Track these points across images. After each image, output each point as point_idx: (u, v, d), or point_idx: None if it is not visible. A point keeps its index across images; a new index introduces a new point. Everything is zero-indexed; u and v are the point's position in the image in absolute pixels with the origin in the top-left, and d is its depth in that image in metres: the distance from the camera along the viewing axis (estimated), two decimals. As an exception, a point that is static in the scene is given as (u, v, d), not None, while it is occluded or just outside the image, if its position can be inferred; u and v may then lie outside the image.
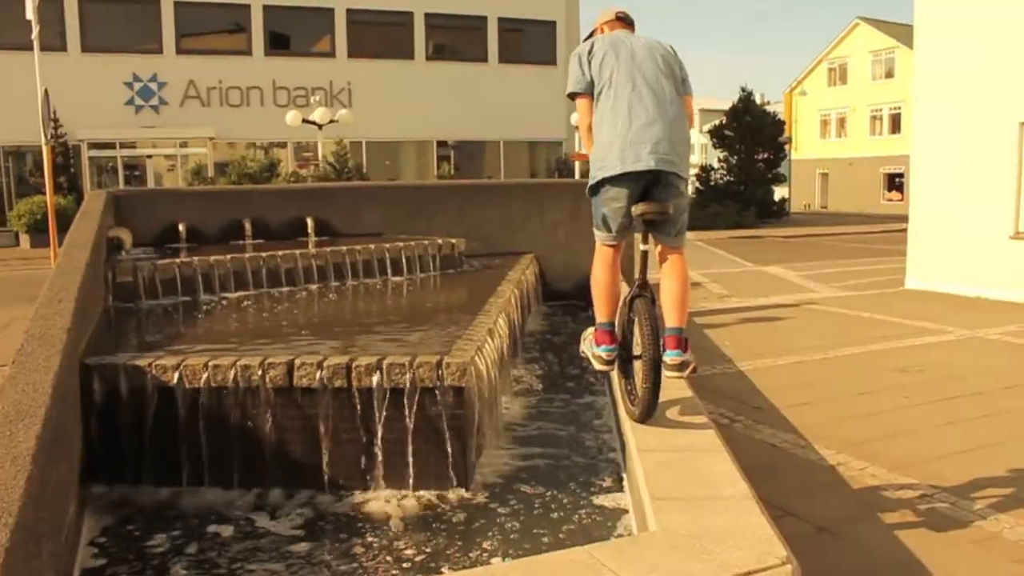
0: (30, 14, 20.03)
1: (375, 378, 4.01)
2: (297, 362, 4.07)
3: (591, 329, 4.18)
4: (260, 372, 4.08)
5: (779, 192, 34.50)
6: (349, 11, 28.49)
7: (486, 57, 30.07)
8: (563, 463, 4.44)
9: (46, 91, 15.20)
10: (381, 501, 3.97)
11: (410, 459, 4.02)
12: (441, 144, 31.00)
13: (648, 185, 3.79)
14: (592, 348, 4.09)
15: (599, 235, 4.12)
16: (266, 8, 27.71)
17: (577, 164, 24.64)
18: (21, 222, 23.96)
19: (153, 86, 26.87)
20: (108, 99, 25.97)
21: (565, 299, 10.12)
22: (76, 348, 4.17)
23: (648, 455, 3.42)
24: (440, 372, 3.99)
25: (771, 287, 13.34)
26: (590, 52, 4.05)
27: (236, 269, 6.99)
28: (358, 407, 4.04)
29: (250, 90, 28.14)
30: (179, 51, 27.15)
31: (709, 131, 33.70)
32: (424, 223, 9.77)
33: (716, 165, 32.47)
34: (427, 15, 29.18)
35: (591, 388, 6.09)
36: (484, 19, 29.69)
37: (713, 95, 58.57)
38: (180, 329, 5.64)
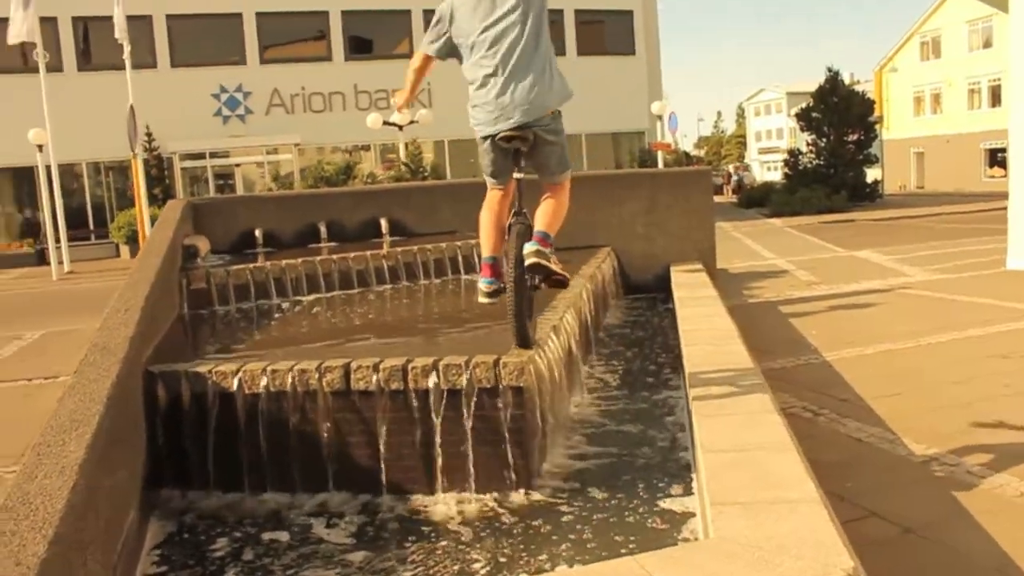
0: (119, 34, 20.89)
1: (432, 379, 3.92)
2: (354, 365, 4.02)
3: None
4: (317, 376, 4.04)
5: (871, 174, 33.19)
6: (425, 11, 28.58)
7: (564, 50, 29.81)
8: (632, 463, 4.28)
9: (131, 107, 15.71)
10: (441, 505, 3.88)
11: (470, 461, 3.92)
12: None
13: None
14: (478, 281, 4.16)
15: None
16: (345, 14, 28.13)
17: (660, 154, 24.24)
18: (120, 233, 24.92)
19: (239, 96, 27.61)
20: (197, 111, 26.79)
21: (646, 292, 9.90)
22: (140, 356, 4.21)
23: (713, 455, 3.22)
24: (498, 372, 3.87)
25: (862, 272, 12.77)
26: None
27: (308, 272, 7.04)
28: (416, 409, 3.96)
29: (332, 95, 28.63)
30: (262, 61, 27.83)
31: (796, 114, 32.68)
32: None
33: (804, 149, 31.44)
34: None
35: (667, 383, 5.90)
36: (560, 12, 29.43)
37: (801, 78, 56.96)
38: (249, 334, 5.69)
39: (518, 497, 3.89)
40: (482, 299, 4.08)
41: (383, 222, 9.14)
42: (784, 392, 6.35)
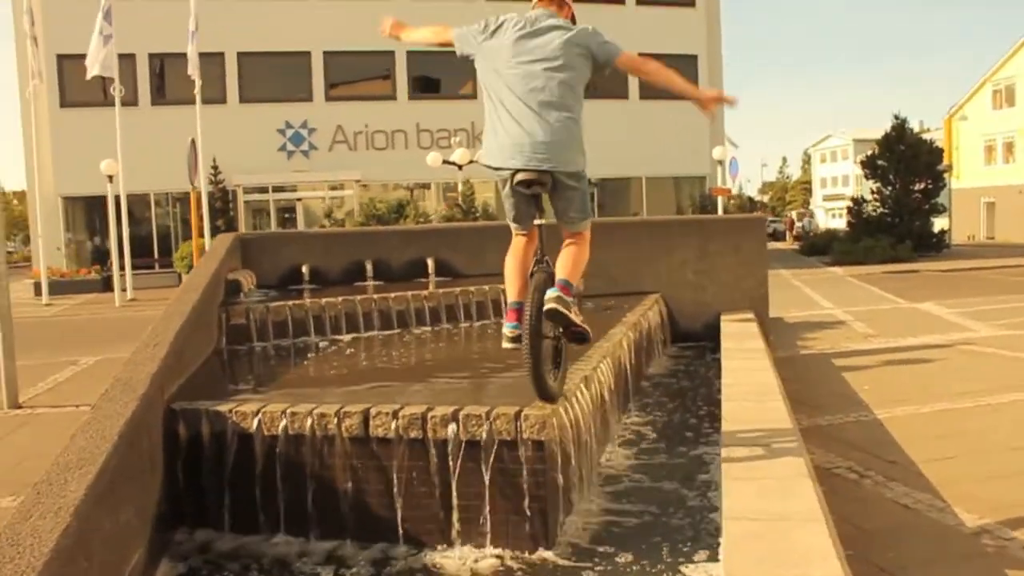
0: (191, 70, 21.53)
1: (451, 429, 3.81)
2: (373, 411, 3.93)
3: None
4: (336, 421, 3.96)
5: (938, 223, 32.32)
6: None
7: (627, 94, 29.83)
8: (660, 523, 4.09)
9: (192, 141, 16.08)
10: (455, 560, 3.74)
11: (487, 516, 3.78)
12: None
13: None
14: (503, 326, 4.09)
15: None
16: (410, 54, 28.58)
17: (720, 200, 23.95)
18: (183, 263, 25.46)
19: (304, 132, 28.19)
20: (262, 146, 27.42)
21: (695, 340, 9.67)
22: (162, 393, 4.19)
23: (736, 523, 3.04)
24: (519, 425, 3.74)
25: (922, 325, 12.33)
26: None
27: (347, 312, 7.01)
28: (434, 459, 3.85)
29: (395, 133, 29.04)
30: (328, 98, 28.41)
31: (861, 161, 32.06)
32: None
33: (868, 197, 30.78)
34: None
35: (706, 438, 5.69)
36: (622, 55, 29.48)
37: (866, 125, 56.08)
38: (280, 372, 5.65)
39: (536, 556, 3.74)
40: (505, 344, 3.99)
41: (430, 262, 9.11)
42: (830, 451, 6.09)
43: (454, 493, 3.81)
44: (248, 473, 4.08)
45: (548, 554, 3.73)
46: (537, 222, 4.09)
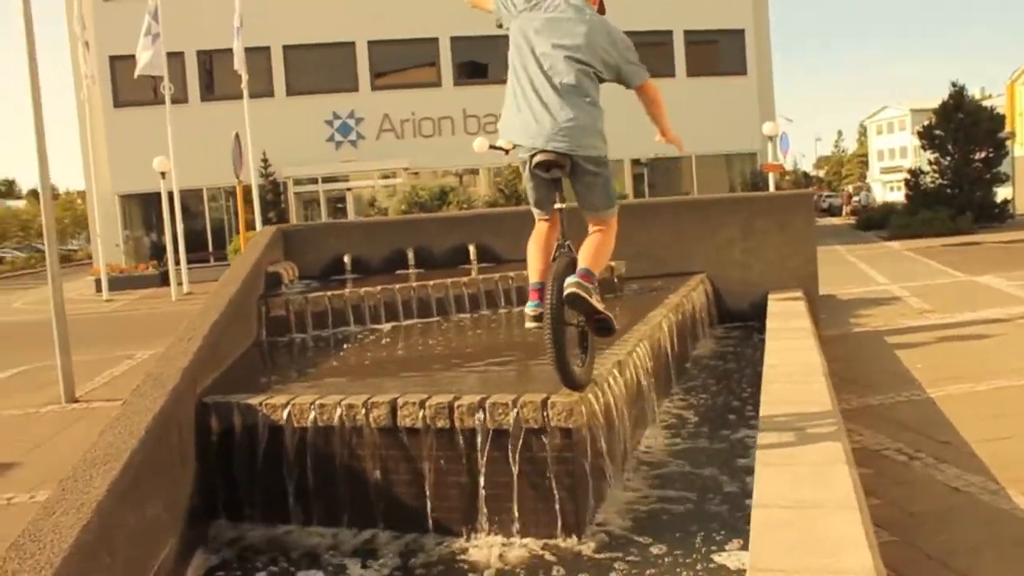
0: (238, 65, 21.80)
1: (478, 418, 3.76)
2: (400, 401, 3.90)
3: None
4: (364, 412, 3.95)
5: (1001, 193, 31.21)
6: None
7: (673, 71, 29.39)
8: (695, 511, 4.00)
9: (236, 135, 16.26)
10: (484, 549, 3.71)
11: (515, 505, 3.73)
12: (635, 162, 30.65)
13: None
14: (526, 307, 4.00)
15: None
16: (454, 40, 28.55)
17: (771, 176, 23.47)
18: (236, 256, 25.88)
19: (351, 122, 28.38)
20: (310, 137, 27.67)
21: (742, 320, 9.49)
22: (194, 387, 4.22)
23: (766, 511, 2.94)
24: (546, 413, 3.68)
25: (982, 300, 11.91)
26: None
27: (386, 300, 7.01)
28: (462, 448, 3.81)
29: (441, 120, 29.06)
30: (374, 87, 28.54)
31: (917, 132, 31.13)
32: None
33: (926, 168, 29.88)
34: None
35: (748, 421, 5.56)
36: (669, 33, 29.06)
37: (925, 95, 54.48)
38: (317, 363, 5.66)
39: (566, 545, 3.68)
40: (528, 324, 3.91)
41: (471, 248, 9.07)
42: (879, 432, 5.91)
43: (482, 482, 3.76)
44: (279, 465, 4.10)
45: (578, 543, 3.67)
46: (558, 206, 4.01)
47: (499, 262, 9.07)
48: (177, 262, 21.83)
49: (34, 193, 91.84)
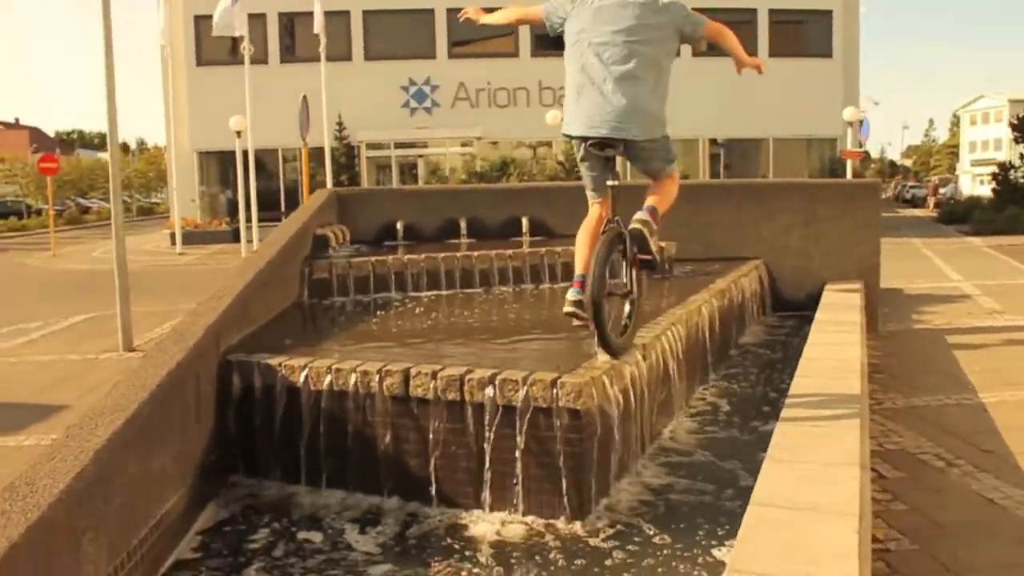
0: (317, 28, 22.01)
1: (488, 393, 3.74)
2: (413, 371, 3.91)
3: None
4: (378, 379, 3.96)
5: (1102, 190, 29.60)
6: (613, 9, 28.37)
7: (756, 51, 28.63)
8: (704, 502, 3.92)
9: (304, 97, 16.41)
10: (484, 524, 3.70)
11: (519, 483, 3.70)
12: (712, 142, 30.11)
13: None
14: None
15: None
16: (533, 10, 28.30)
17: (849, 162, 22.76)
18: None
19: (427, 89, 28.46)
20: (386, 103, 27.86)
21: (798, 310, 9.24)
22: (217, 344, 4.29)
23: (760, 510, 2.85)
24: (555, 392, 3.63)
25: (1061, 304, 11.38)
26: None
27: (429, 269, 7.02)
28: (471, 422, 3.80)
29: (516, 91, 28.92)
30: (451, 55, 28.52)
31: (1010, 124, 29.73)
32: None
33: (1017, 162, 28.54)
34: (693, 10, 28.26)
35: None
36: (754, 12, 28.27)
37: (1027, 84, 51.93)
38: (349, 327, 5.71)
39: (567, 527, 3.64)
40: (567, 308, 4.00)
41: (524, 221, 9.02)
42: (921, 435, 5.70)
43: (487, 457, 3.75)
44: (295, 426, 4.15)
45: (580, 527, 3.63)
46: (611, 183, 4.15)
47: (551, 236, 8.99)
48: (249, 220, 22.28)
49: (124, 146, 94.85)
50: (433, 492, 3.90)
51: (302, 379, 4.11)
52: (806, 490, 3.03)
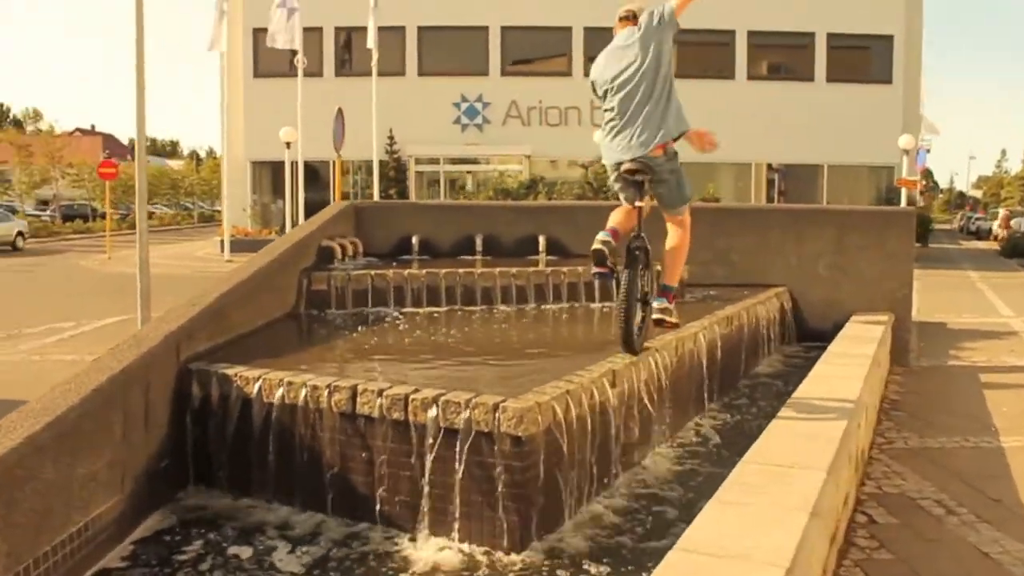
0: (370, 43, 22.27)
1: (431, 414, 3.61)
2: (360, 387, 3.81)
3: None
4: (327, 394, 3.86)
5: None
6: (670, 32, 28.11)
7: (812, 76, 28.12)
8: (662, 546, 3.71)
9: (339, 110, 16.53)
10: (420, 550, 3.58)
11: (457, 509, 3.56)
12: (768, 167, 29.64)
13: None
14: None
15: None
16: (587, 31, 28.21)
17: (904, 191, 22.14)
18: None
19: (478, 106, 28.51)
20: (437, 118, 27.98)
21: (824, 340, 8.90)
22: (177, 352, 4.24)
23: (683, 556, 2.66)
24: (497, 416, 3.49)
25: (1113, 348, 10.79)
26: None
27: (430, 285, 6.93)
28: (414, 443, 3.67)
29: (568, 110, 28.81)
30: (503, 73, 28.56)
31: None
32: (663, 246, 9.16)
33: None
34: (750, 33, 27.95)
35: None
36: (812, 36, 27.75)
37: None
38: (332, 341, 5.63)
39: (506, 558, 3.49)
40: (595, 245, 4.65)
41: (541, 240, 8.88)
42: (926, 478, 5.39)
43: (426, 480, 3.61)
44: (247, 438, 4.08)
45: (518, 558, 3.47)
46: (639, 204, 4.73)
47: (567, 255, 8.84)
48: (295, 229, 22.53)
49: (193, 155, 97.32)
50: (377, 513, 3.78)
51: (255, 391, 4.05)
52: (743, 536, 2.83)
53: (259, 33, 26.87)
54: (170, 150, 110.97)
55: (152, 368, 3.96)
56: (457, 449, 3.54)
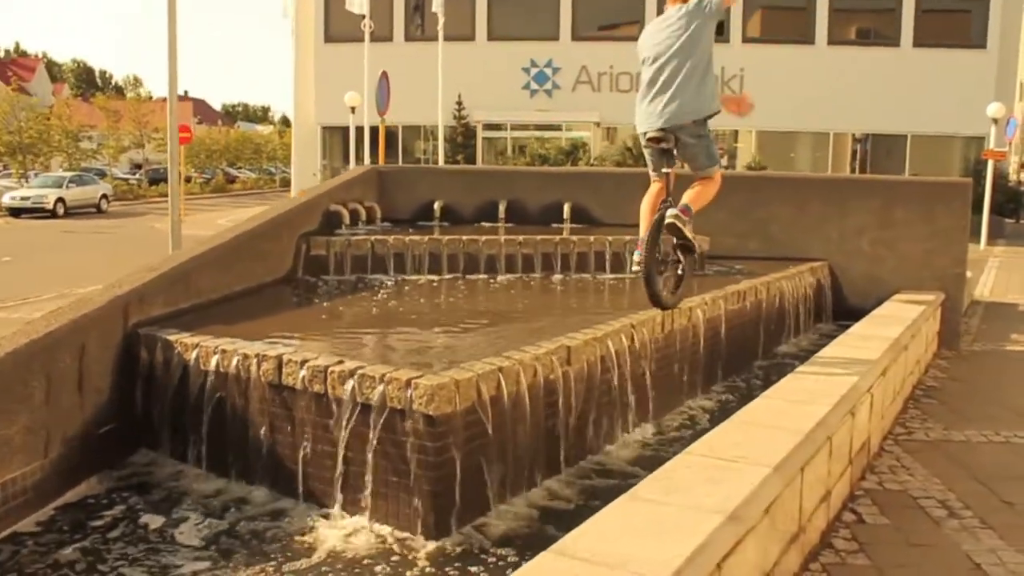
0: (436, 7, 22.05)
1: (348, 387, 3.44)
2: (286, 358, 3.66)
3: None
4: (256, 363, 3.73)
5: None
6: (746, -4, 27.07)
7: (898, 40, 26.65)
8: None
9: (384, 73, 16.37)
10: (334, 528, 3.43)
11: (369, 489, 3.39)
12: (852, 138, 28.44)
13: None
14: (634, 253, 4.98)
15: None
16: (660, -5, 27.41)
17: (990, 163, 20.85)
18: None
19: (548, 71, 28.02)
20: (506, 84, 27.60)
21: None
22: (125, 316, 4.17)
23: (548, 560, 2.42)
24: (409, 393, 3.29)
25: None
26: None
27: (431, 251, 6.75)
28: (332, 417, 3.51)
29: (639, 76, 28.07)
30: (574, 38, 27.95)
31: None
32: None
33: None
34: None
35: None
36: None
37: None
38: (310, 308, 5.52)
39: (420, 543, 3.32)
40: (633, 267, 4.86)
41: (566, 207, 8.60)
42: (936, 475, 4.94)
43: (341, 457, 3.45)
44: (186, 405, 3.99)
45: (433, 545, 3.28)
46: (666, 171, 4.97)
47: (594, 224, 8.55)
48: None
49: (284, 120, 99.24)
50: (300, 487, 3.65)
51: (193, 358, 3.94)
52: (630, 541, 2.56)
53: (330, -2, 27.00)
54: (261, 115, 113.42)
55: (89, 331, 3.89)
56: (371, 426, 3.36)
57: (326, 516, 3.50)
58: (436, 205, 8.62)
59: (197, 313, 4.79)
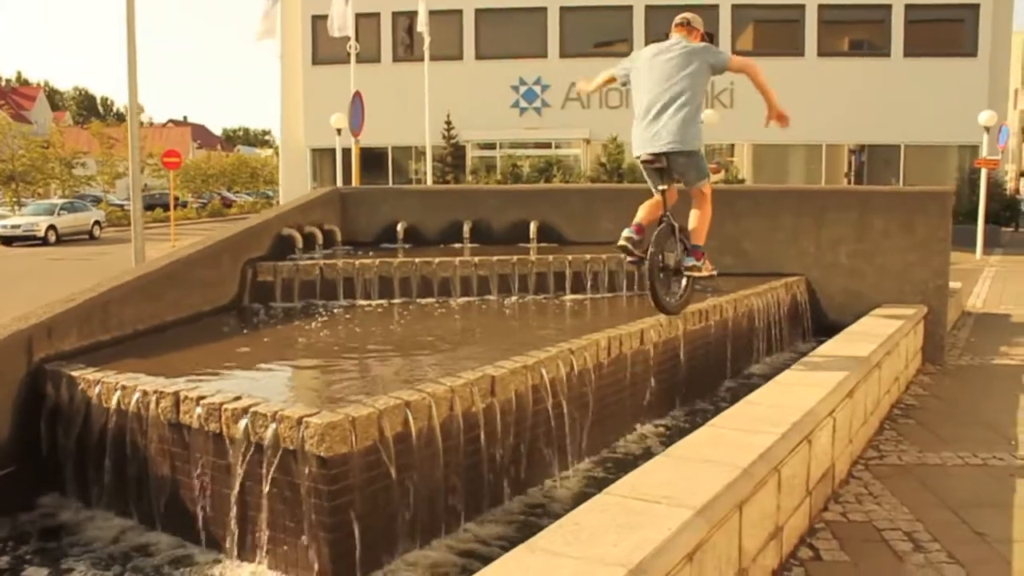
0: (421, 27, 21.97)
1: (241, 426, 3.19)
2: (183, 395, 3.42)
3: None
4: (154, 401, 3.49)
5: None
6: (735, 7, 26.95)
7: (889, 51, 26.49)
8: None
9: (356, 93, 16.22)
10: (220, 572, 3.15)
11: (263, 534, 3.13)
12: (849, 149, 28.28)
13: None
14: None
15: None
16: (649, 9, 27.27)
17: (984, 171, 20.60)
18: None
19: (537, 89, 27.90)
20: (495, 102, 27.49)
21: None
22: (29, 351, 3.96)
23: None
24: (301, 432, 3.03)
25: None
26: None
27: (382, 275, 6.51)
28: (229, 457, 3.26)
29: (629, 92, 27.86)
30: (562, 55, 27.83)
31: None
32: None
33: None
34: (820, 7, 26.46)
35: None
36: (888, 8, 26.11)
37: None
38: (236, 337, 5.26)
39: (314, 591, 3.04)
40: (620, 242, 5.23)
41: (532, 226, 8.36)
42: (904, 503, 4.64)
43: (233, 500, 3.20)
44: (88, 445, 3.75)
45: (330, 592, 3.02)
46: (662, 188, 5.44)
47: (563, 243, 8.31)
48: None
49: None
50: (201, 533, 3.39)
51: (95, 395, 3.70)
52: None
53: (318, 20, 26.90)
54: (262, 139, 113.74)
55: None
56: (264, 467, 3.11)
57: (225, 563, 3.24)
58: (399, 227, 8.39)
59: (118, 346, 4.57)
